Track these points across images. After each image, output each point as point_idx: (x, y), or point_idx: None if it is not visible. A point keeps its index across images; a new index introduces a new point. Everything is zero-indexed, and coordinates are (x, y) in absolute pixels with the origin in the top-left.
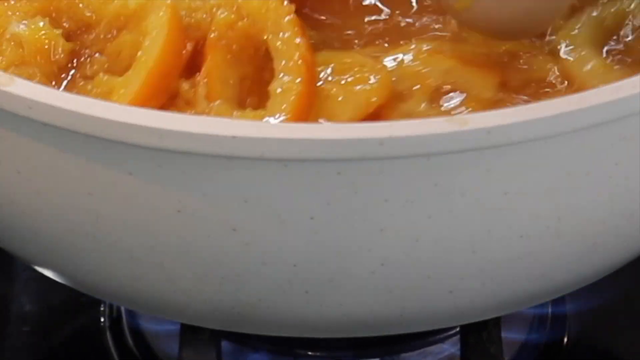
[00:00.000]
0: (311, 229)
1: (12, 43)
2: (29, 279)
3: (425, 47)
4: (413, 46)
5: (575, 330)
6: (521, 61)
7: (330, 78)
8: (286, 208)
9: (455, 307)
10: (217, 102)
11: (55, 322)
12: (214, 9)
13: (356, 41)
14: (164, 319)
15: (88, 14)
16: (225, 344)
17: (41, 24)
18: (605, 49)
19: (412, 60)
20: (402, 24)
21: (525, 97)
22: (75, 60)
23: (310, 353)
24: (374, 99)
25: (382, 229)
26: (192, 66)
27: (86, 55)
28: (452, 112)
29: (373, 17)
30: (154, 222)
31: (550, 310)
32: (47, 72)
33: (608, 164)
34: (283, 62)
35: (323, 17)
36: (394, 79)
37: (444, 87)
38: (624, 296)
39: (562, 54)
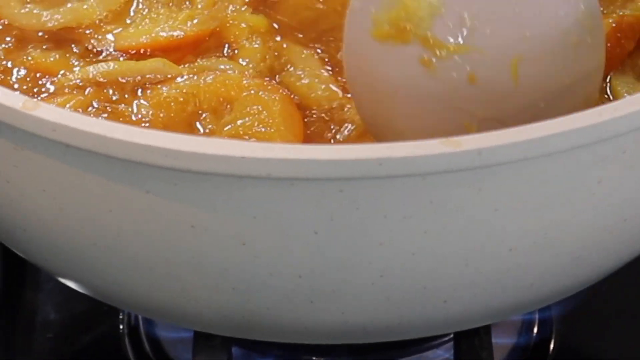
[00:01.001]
0: (315, 242)
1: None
2: (53, 289)
3: None
4: None
5: (561, 334)
6: None
7: None
8: (292, 223)
9: (449, 315)
10: None
11: (78, 330)
12: None
13: None
14: (179, 327)
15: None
16: (235, 350)
17: None
18: None
19: None
20: None
21: None
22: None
23: (314, 358)
24: None
25: (381, 243)
26: None
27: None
28: None
29: None
30: (170, 237)
31: (537, 316)
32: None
33: (591, 182)
34: None
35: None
36: None
37: None
38: (607, 301)
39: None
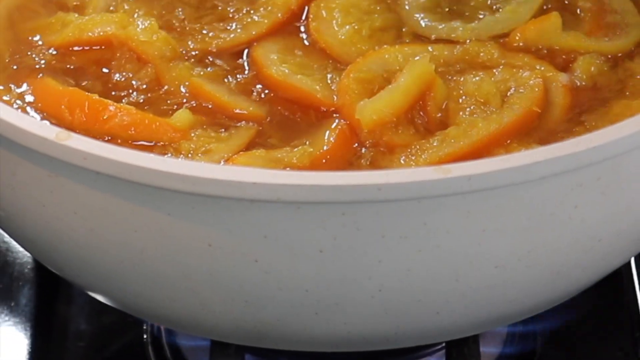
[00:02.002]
0: (320, 260)
1: None
2: (85, 302)
3: None
4: None
5: (544, 344)
6: None
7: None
8: (299, 243)
9: (441, 326)
10: None
11: (106, 339)
12: None
13: None
14: (197, 336)
15: None
16: (248, 357)
17: None
18: None
19: None
20: None
21: None
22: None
23: None
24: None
25: (380, 260)
26: None
27: None
28: None
29: None
30: (189, 255)
31: (521, 327)
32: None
33: (568, 207)
34: None
35: None
36: None
37: None
38: (586, 312)
39: None
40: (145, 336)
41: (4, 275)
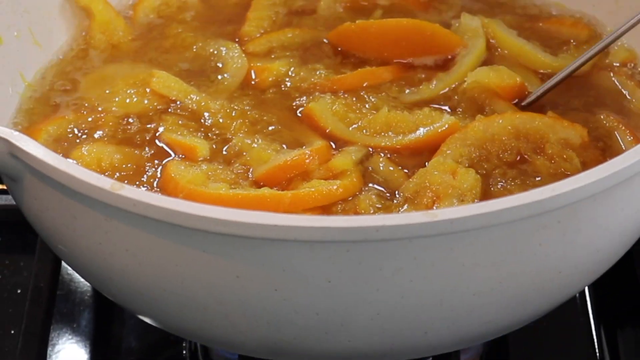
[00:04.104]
0: (328, 289)
1: None
2: (134, 323)
3: None
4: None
5: (515, 354)
6: None
7: None
8: (311, 274)
9: (428, 343)
10: None
11: (152, 354)
12: None
13: None
14: (227, 351)
15: None
16: None
17: None
18: None
19: None
20: None
21: None
22: None
23: None
24: None
25: (378, 289)
26: None
27: None
28: None
29: None
30: (220, 284)
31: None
32: None
33: (534, 245)
34: None
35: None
36: None
37: None
38: (553, 326)
39: None
40: (184, 352)
41: (68, 301)
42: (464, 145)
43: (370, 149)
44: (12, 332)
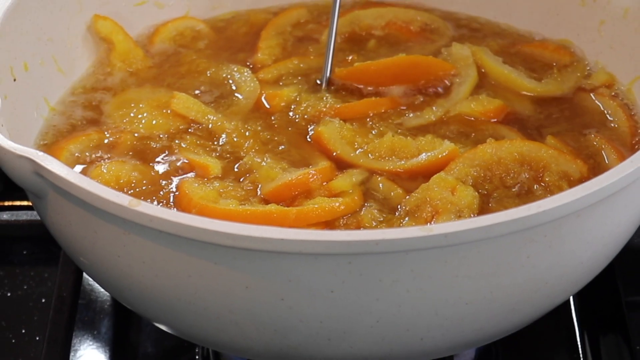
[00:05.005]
0: (332, 298)
1: None
2: (151, 330)
3: None
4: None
5: (505, 359)
6: None
7: None
8: (316, 285)
9: (424, 349)
10: None
11: (167, 359)
12: None
13: None
14: (237, 356)
15: None
16: None
17: None
18: None
19: None
20: None
21: None
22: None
23: None
24: None
25: (377, 299)
26: None
27: None
28: None
29: None
30: (231, 294)
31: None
32: None
33: (522, 257)
34: None
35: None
36: None
37: None
38: (540, 332)
39: None
40: (197, 357)
41: (89, 310)
42: (471, 165)
43: (373, 172)
44: (37, 338)
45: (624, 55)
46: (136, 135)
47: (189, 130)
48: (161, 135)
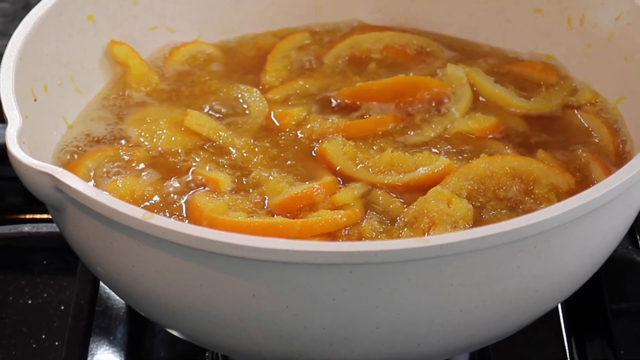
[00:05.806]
0: (334, 306)
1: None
2: (164, 336)
3: None
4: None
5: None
6: None
7: None
8: (318, 293)
9: (421, 354)
10: None
11: None
12: None
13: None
14: None
15: None
16: None
17: None
18: None
19: None
20: None
21: None
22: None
23: None
24: None
25: (377, 306)
26: None
27: None
28: None
29: None
30: (239, 302)
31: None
32: None
33: (512, 267)
34: None
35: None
36: None
37: None
38: (529, 337)
39: None
40: None
41: (105, 317)
42: (466, 179)
43: (374, 186)
44: (57, 343)
45: (609, 77)
46: (151, 153)
47: (204, 147)
48: (175, 150)
